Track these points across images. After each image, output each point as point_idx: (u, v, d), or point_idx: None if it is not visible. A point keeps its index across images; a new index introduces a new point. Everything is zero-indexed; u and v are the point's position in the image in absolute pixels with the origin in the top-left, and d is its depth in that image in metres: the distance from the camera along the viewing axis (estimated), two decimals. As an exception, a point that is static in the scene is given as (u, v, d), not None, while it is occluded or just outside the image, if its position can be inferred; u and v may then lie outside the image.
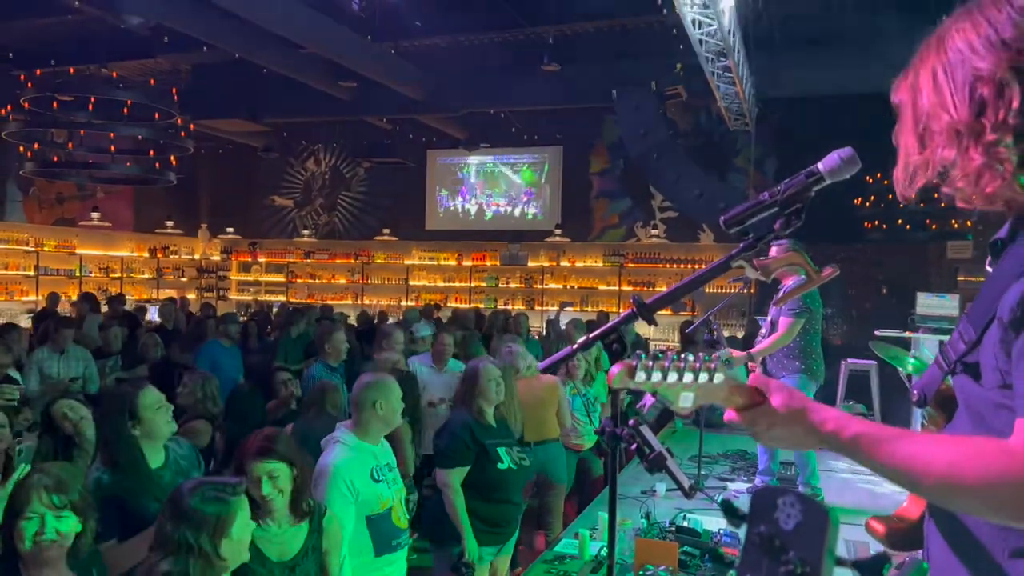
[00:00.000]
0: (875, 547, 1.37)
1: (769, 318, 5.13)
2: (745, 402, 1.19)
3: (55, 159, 11.02)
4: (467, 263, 14.21)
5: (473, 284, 14.17)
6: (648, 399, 1.29)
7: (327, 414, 4.29)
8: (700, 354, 1.15)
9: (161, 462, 3.02)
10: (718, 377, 1.14)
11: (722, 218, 1.54)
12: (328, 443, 3.16)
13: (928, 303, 6.98)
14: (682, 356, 1.14)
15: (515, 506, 3.92)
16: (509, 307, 13.34)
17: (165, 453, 3.06)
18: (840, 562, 0.90)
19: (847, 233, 10.88)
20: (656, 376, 1.13)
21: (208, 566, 2.14)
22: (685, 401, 1.16)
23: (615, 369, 1.15)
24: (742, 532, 0.97)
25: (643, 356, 1.14)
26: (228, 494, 2.23)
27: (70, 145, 10.84)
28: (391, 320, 9.58)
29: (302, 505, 2.71)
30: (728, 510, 1.01)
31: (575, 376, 5.59)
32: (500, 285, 13.98)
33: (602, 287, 13.25)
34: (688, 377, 1.13)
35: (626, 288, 12.95)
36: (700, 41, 7.38)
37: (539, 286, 13.69)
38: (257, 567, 2.47)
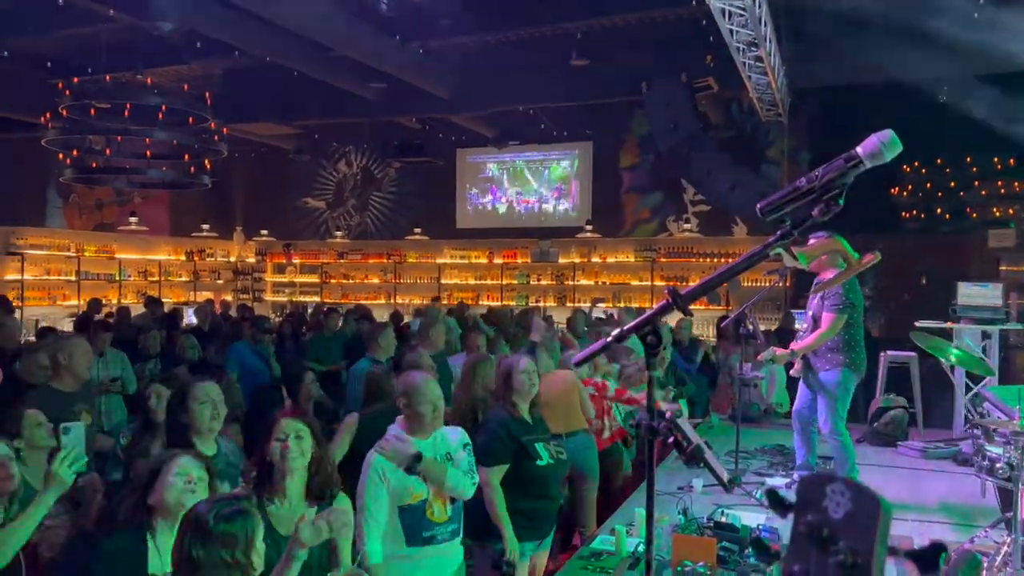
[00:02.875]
0: (919, 542, 1.33)
1: (810, 312, 5.04)
2: None
3: (93, 165, 11.22)
4: (498, 261, 14.20)
5: (504, 282, 14.16)
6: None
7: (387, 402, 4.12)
8: None
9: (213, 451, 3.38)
10: None
11: (759, 205, 1.51)
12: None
13: (970, 292, 6.82)
14: None
15: (553, 501, 3.94)
16: (541, 304, 13.33)
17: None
18: (893, 552, 0.85)
19: (885, 224, 10.66)
20: None
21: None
22: None
23: None
24: (784, 526, 0.94)
25: None
26: (249, 507, 2.27)
27: (107, 151, 11.03)
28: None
29: (317, 489, 2.76)
30: (774, 500, 0.98)
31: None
32: (531, 282, 13.96)
33: (634, 282, 13.15)
34: None
35: (659, 283, 12.83)
36: (731, 31, 7.28)
37: (570, 282, 13.63)
38: (266, 540, 2.44)
